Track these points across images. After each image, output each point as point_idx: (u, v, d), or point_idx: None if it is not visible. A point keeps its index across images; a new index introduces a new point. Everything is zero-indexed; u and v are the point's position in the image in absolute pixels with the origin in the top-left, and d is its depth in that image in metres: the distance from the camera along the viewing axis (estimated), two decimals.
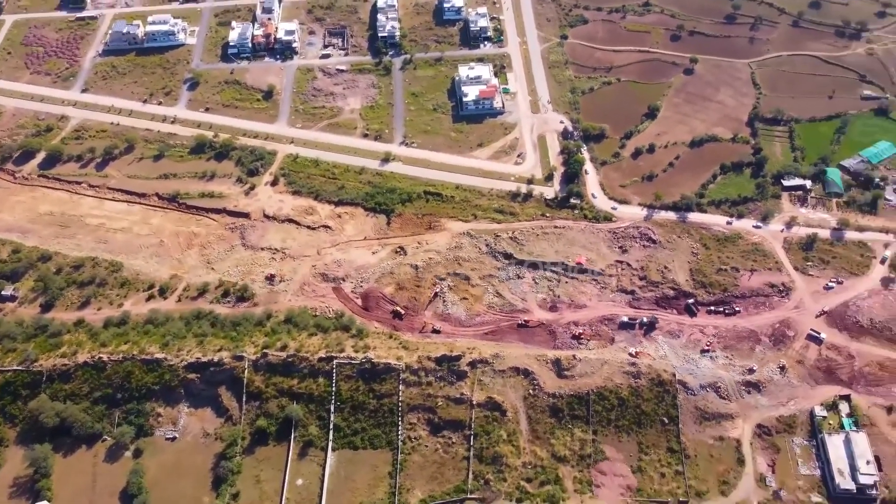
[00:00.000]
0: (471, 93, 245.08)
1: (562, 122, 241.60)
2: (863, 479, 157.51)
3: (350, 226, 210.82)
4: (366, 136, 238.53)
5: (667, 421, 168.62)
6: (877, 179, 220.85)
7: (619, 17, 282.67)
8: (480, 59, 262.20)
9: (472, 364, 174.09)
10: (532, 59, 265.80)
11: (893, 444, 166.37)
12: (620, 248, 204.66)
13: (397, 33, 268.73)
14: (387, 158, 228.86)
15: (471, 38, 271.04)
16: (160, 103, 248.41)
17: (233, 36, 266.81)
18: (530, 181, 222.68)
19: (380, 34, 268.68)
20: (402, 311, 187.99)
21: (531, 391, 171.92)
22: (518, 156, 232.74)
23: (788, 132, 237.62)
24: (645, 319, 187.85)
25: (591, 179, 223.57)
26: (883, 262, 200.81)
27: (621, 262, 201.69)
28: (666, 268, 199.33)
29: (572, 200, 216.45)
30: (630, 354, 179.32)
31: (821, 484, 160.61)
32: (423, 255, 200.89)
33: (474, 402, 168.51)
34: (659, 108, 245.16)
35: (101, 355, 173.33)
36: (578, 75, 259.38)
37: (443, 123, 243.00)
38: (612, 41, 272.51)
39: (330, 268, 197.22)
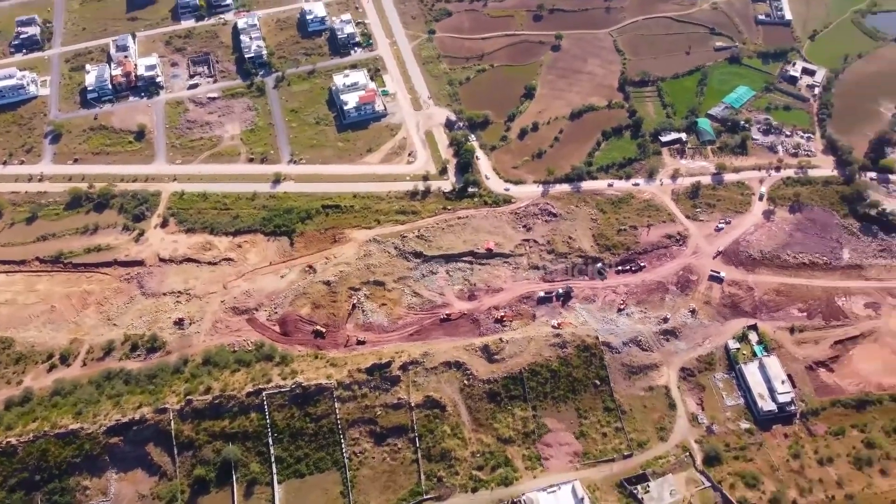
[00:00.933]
0: (350, 100, 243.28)
1: (445, 115, 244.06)
2: (781, 399, 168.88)
3: (253, 254, 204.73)
4: (251, 160, 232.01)
5: (598, 383, 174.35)
6: (742, 122, 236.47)
7: (481, 5, 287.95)
8: (354, 66, 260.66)
9: (404, 367, 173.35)
10: (405, 58, 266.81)
11: (800, 360, 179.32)
12: (525, 226, 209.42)
13: (264, 52, 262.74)
14: (277, 179, 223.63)
15: (340, 47, 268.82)
16: (22, 162, 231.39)
17: (89, 80, 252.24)
18: (426, 178, 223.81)
19: (246, 56, 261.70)
20: (323, 330, 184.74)
21: (466, 382, 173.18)
22: (409, 155, 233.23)
23: (657, 91, 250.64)
24: (560, 291, 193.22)
25: (485, 165, 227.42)
26: (761, 198, 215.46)
27: (528, 240, 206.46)
28: (570, 238, 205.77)
29: (470, 189, 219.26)
30: (553, 327, 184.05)
31: (746, 411, 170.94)
32: (334, 269, 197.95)
33: (413, 404, 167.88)
34: (535, 87, 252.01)
35: (8, 439, 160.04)
36: (453, 67, 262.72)
37: (328, 135, 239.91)
38: (478, 29, 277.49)
39: (240, 300, 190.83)
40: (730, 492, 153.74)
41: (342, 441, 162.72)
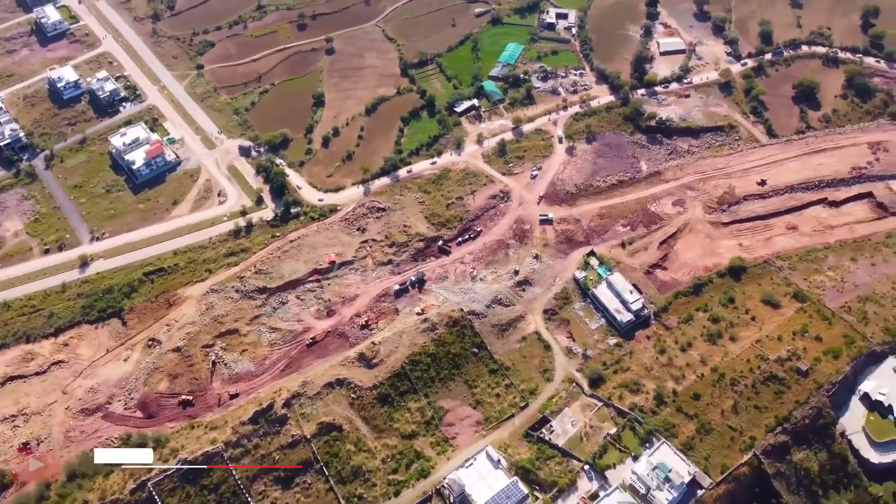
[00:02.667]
0: (137, 158, 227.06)
1: (241, 145, 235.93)
2: (634, 307, 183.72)
3: (84, 347, 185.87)
4: (47, 251, 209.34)
5: (477, 350, 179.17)
6: (521, 75, 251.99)
7: (241, 28, 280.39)
8: (128, 122, 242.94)
9: (287, 404, 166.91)
10: (180, 100, 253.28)
11: (638, 268, 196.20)
12: (359, 229, 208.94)
13: (21, 134, 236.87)
14: (85, 262, 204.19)
15: (106, 106, 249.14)
16: None
17: None
18: (244, 212, 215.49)
19: (1, 143, 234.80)
20: (190, 397, 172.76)
21: (353, 395, 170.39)
22: (218, 195, 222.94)
23: (438, 67, 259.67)
24: (413, 278, 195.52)
25: (299, 182, 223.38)
26: (560, 140, 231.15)
27: (366, 241, 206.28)
28: (406, 226, 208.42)
29: (293, 210, 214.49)
30: (417, 314, 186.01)
31: (609, 328, 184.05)
32: (179, 333, 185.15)
33: (308, 436, 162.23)
34: (322, 93, 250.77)
35: None
36: (233, 96, 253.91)
37: (124, 200, 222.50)
38: (246, 53, 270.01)
39: (87, 400, 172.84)
40: (619, 403, 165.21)
41: (249, 500, 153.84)
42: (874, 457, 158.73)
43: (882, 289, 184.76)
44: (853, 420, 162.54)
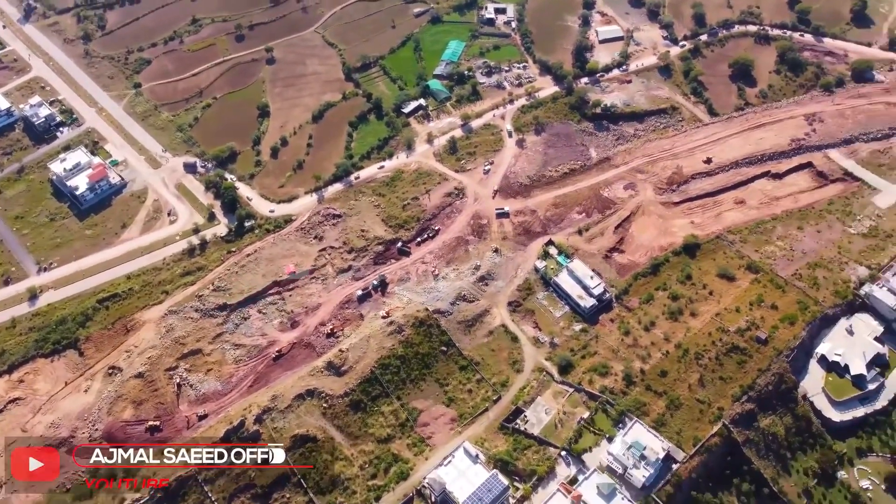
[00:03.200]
0: (80, 184, 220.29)
1: (188, 162, 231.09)
2: (596, 292, 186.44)
3: (41, 382, 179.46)
4: None
5: (445, 348, 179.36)
6: (466, 72, 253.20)
7: (177, 43, 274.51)
8: (67, 148, 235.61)
9: (258, 419, 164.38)
10: (120, 121, 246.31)
11: (597, 254, 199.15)
12: (316, 237, 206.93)
13: None
14: (34, 295, 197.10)
15: (42, 133, 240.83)
16: None
17: None
18: (196, 230, 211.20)
19: None
20: (157, 423, 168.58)
21: (325, 404, 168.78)
22: (169, 214, 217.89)
23: (382, 69, 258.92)
24: (375, 282, 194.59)
25: (251, 195, 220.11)
26: (510, 134, 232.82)
27: (324, 249, 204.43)
28: (363, 231, 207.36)
29: (247, 224, 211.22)
30: (383, 318, 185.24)
31: (573, 315, 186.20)
32: (140, 359, 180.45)
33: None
34: (267, 104, 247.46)
35: None
36: (175, 113, 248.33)
37: (70, 228, 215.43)
38: (185, 68, 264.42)
39: (49, 435, 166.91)
40: (590, 387, 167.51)
41: None
42: (835, 415, 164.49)
43: (829, 254, 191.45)
44: (813, 382, 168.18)
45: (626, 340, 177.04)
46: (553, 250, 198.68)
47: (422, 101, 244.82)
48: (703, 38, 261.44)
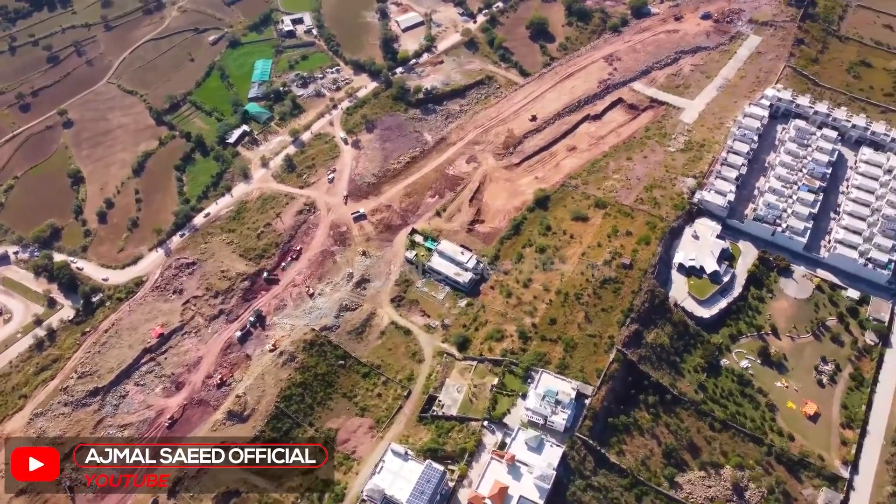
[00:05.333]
0: None
1: (5, 252, 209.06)
2: (470, 265, 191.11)
3: None
4: None
5: (343, 362, 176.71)
6: (281, 88, 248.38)
7: None
8: None
9: (172, 493, 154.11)
10: None
11: (462, 230, 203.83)
12: (175, 291, 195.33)
13: None
14: None
15: None
16: None
17: None
18: (39, 321, 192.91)
19: None
20: None
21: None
22: (0, 314, 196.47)
23: (193, 105, 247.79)
24: (251, 319, 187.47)
25: (89, 268, 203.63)
26: (344, 139, 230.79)
27: (187, 301, 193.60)
28: (223, 272, 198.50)
29: (95, 300, 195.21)
30: (270, 350, 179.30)
31: (455, 292, 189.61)
32: None
33: None
34: (77, 169, 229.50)
35: None
36: None
37: None
38: None
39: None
40: (491, 354, 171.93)
41: None
42: (704, 313, 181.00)
43: (659, 174, 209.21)
44: (679, 289, 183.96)
45: (510, 302, 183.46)
46: (418, 238, 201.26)
47: (245, 128, 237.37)
48: (497, 6, 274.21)
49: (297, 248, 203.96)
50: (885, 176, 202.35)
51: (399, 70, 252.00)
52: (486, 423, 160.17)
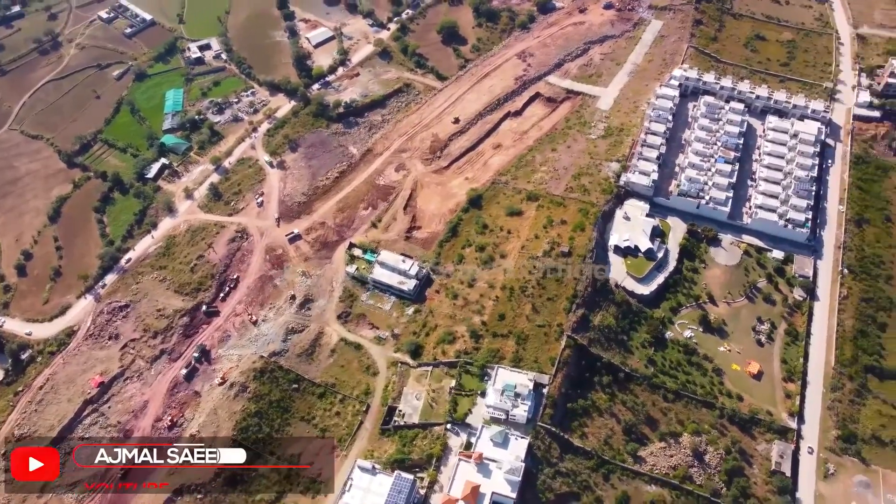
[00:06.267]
0: None
1: None
2: (413, 272, 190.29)
3: None
4: None
5: (297, 385, 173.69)
6: (196, 117, 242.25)
7: None
8: None
9: None
10: None
11: (397, 238, 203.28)
12: (111, 336, 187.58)
13: None
14: None
15: None
16: None
17: None
18: None
19: None
20: None
21: (200, 495, 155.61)
22: None
23: (105, 143, 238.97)
24: (195, 355, 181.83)
25: (13, 325, 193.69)
26: (268, 161, 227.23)
27: (126, 344, 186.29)
28: (159, 310, 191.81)
29: (24, 357, 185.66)
30: (220, 384, 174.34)
31: (401, 301, 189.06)
32: None
33: None
34: None
35: None
36: None
37: None
38: None
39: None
40: (445, 357, 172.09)
41: None
42: (644, 290, 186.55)
43: (584, 162, 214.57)
44: (618, 270, 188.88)
45: (457, 303, 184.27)
46: (357, 251, 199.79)
47: (163, 161, 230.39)
48: (406, 14, 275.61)
49: (234, 276, 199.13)
50: (792, 140, 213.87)
51: (316, 86, 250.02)
52: (449, 425, 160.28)
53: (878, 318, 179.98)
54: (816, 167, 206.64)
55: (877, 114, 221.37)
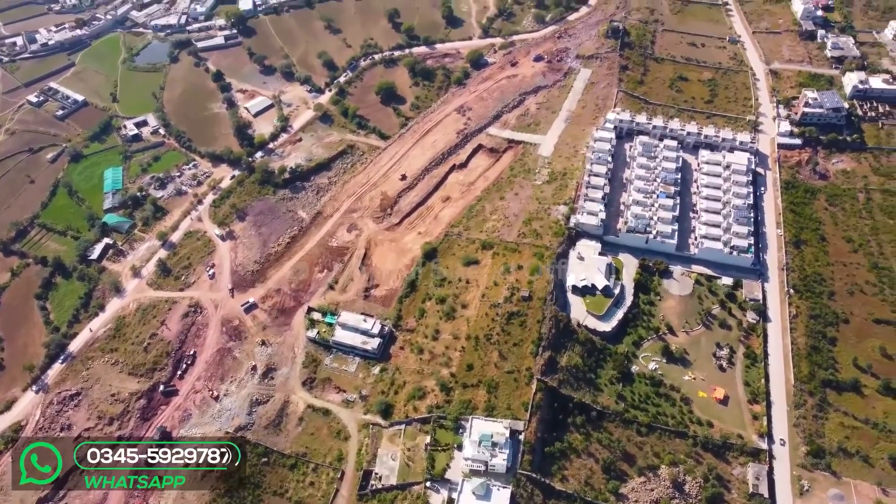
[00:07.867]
0: None
1: None
2: (375, 331, 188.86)
3: None
4: None
5: (266, 458, 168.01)
6: (138, 194, 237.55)
7: None
8: None
9: None
10: None
11: (356, 298, 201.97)
12: (63, 429, 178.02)
13: None
14: None
15: None
16: None
17: None
18: None
19: None
20: None
21: None
22: None
23: (43, 228, 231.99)
24: (155, 437, 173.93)
25: None
26: (223, 238, 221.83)
27: (78, 437, 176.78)
28: (112, 395, 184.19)
29: None
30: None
31: (366, 361, 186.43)
32: None
33: None
34: None
35: None
36: None
37: None
38: None
39: None
40: (417, 414, 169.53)
41: None
42: (605, 326, 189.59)
43: (532, 207, 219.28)
44: (578, 310, 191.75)
45: (423, 358, 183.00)
46: (317, 315, 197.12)
47: (107, 240, 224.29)
48: (343, 79, 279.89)
49: (191, 352, 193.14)
50: (726, 171, 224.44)
51: (259, 154, 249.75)
52: (428, 483, 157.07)
53: (827, 334, 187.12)
54: (751, 195, 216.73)
55: (798, 141, 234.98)
